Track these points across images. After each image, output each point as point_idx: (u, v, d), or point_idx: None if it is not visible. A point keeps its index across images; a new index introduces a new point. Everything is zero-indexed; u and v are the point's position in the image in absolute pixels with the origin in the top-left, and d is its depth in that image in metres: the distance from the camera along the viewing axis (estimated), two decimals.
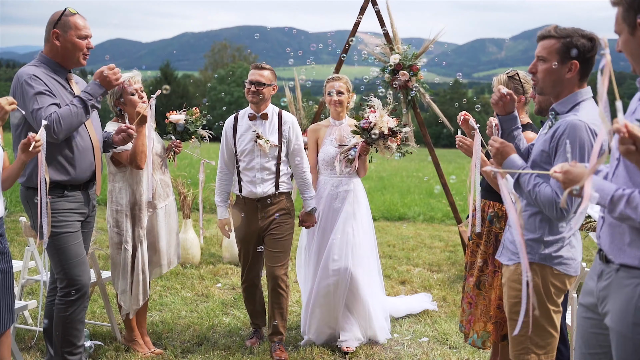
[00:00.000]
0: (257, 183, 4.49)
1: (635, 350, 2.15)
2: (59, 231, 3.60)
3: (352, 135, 4.74)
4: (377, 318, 4.88)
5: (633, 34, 2.13)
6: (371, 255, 4.93)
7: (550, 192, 2.69)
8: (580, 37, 2.69)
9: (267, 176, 4.50)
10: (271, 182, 4.51)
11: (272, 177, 4.51)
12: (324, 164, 4.81)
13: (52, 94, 3.56)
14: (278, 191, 4.54)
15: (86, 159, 3.74)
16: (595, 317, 2.35)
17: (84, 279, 3.70)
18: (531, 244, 2.82)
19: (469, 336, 3.98)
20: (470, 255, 4.05)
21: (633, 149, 1.83)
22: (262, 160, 4.49)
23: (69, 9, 3.67)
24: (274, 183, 4.52)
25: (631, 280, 2.17)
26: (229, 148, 4.58)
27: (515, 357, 2.94)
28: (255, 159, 4.49)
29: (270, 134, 4.52)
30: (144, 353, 4.42)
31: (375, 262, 5.01)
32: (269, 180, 4.50)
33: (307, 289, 4.90)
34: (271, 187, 4.51)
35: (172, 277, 6.55)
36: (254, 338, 4.77)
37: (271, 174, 4.50)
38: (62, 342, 3.71)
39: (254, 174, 4.49)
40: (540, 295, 2.82)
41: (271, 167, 4.50)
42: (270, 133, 4.52)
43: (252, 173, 4.50)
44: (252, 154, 4.49)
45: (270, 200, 4.52)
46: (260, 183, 4.49)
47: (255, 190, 4.49)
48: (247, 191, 4.52)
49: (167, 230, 4.49)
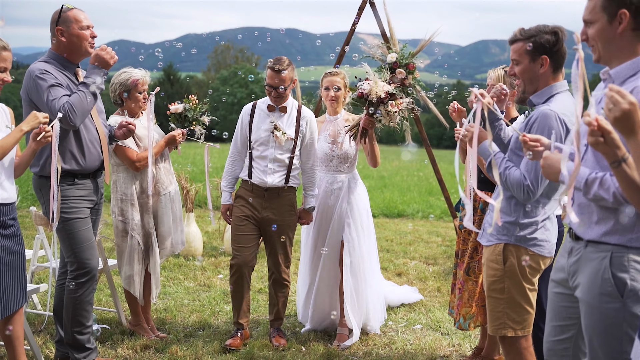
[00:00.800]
0: (268, 173, 4.54)
1: (601, 318, 2.34)
2: (69, 217, 3.81)
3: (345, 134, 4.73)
4: (375, 310, 5.00)
5: (611, 23, 2.32)
6: (370, 249, 4.96)
7: (519, 175, 2.90)
8: (544, 34, 2.89)
9: (278, 168, 4.55)
10: (282, 174, 4.56)
11: (283, 170, 4.56)
12: (318, 160, 4.81)
13: (63, 86, 3.76)
14: (287, 185, 4.60)
15: (94, 149, 3.94)
16: (565, 291, 2.55)
17: (92, 263, 3.90)
18: (507, 226, 3.02)
19: (456, 320, 4.19)
20: (462, 243, 4.26)
21: (601, 140, 2.03)
22: (276, 152, 4.54)
23: (66, 5, 3.85)
24: (284, 176, 4.57)
25: (598, 255, 2.36)
26: (243, 134, 4.62)
27: (493, 331, 3.13)
28: (269, 149, 4.55)
29: (287, 127, 4.57)
30: (148, 337, 4.63)
31: (374, 256, 5.06)
32: (279, 172, 4.56)
33: (305, 281, 5.01)
34: (281, 179, 4.56)
35: (175, 268, 6.75)
36: (235, 337, 4.58)
37: (283, 166, 4.56)
38: (72, 323, 3.90)
39: (266, 164, 4.54)
40: (515, 274, 3.01)
41: (284, 159, 4.56)
42: (287, 126, 4.57)
43: (264, 162, 4.55)
44: (267, 144, 4.54)
45: (278, 193, 4.58)
46: (272, 173, 4.54)
47: (266, 179, 4.53)
48: (257, 179, 4.56)
49: (171, 215, 4.69)
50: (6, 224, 3.39)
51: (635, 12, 2.29)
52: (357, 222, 4.82)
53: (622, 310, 2.29)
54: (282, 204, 4.60)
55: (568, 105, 2.88)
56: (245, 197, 4.60)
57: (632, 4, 2.28)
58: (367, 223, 4.92)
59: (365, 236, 4.88)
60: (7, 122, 3.50)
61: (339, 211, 4.79)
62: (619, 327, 2.30)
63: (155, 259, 4.60)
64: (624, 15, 2.29)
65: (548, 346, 2.66)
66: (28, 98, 3.75)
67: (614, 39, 2.35)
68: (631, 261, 2.29)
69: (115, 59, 3.90)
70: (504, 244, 3.03)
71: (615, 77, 2.37)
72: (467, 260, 4.16)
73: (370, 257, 4.93)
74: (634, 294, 2.27)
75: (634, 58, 2.33)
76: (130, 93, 4.48)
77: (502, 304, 3.06)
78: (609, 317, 2.32)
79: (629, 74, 2.33)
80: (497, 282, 3.04)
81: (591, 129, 2.02)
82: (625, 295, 2.28)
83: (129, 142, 4.45)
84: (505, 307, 3.05)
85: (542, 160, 2.44)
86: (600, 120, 2.01)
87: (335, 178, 4.83)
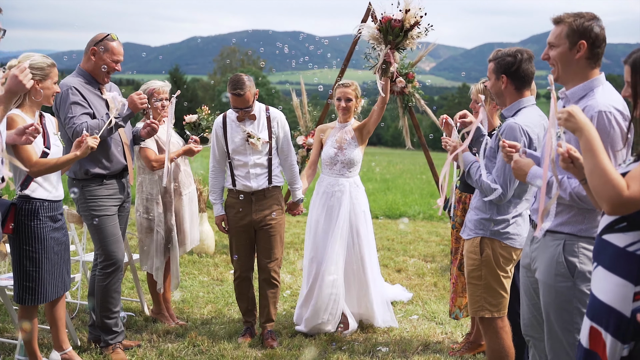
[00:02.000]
0: (251, 178, 4.75)
1: (556, 296, 2.83)
2: (98, 214, 4.30)
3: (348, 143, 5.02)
4: (379, 309, 5.23)
5: (571, 50, 2.80)
6: (370, 248, 5.18)
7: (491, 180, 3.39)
8: (505, 57, 3.36)
9: (260, 171, 4.77)
10: (264, 176, 4.79)
11: (265, 172, 4.79)
12: (324, 163, 5.13)
13: (87, 104, 4.25)
14: (272, 185, 4.83)
15: (118, 153, 4.44)
16: (532, 275, 3.03)
17: (118, 255, 4.39)
18: (483, 222, 3.49)
19: (452, 312, 4.69)
20: (455, 242, 4.74)
21: (572, 166, 2.51)
22: (254, 157, 4.75)
23: (112, 35, 4.36)
24: (267, 177, 4.80)
25: (554, 242, 2.85)
26: (220, 147, 4.82)
27: (473, 313, 3.60)
28: (248, 156, 4.75)
29: (260, 131, 4.78)
30: (169, 324, 5.13)
31: (374, 255, 5.27)
32: (262, 174, 4.78)
33: (307, 282, 5.12)
34: (265, 181, 4.79)
35: (189, 264, 7.26)
36: (246, 335, 4.90)
37: (264, 168, 4.79)
38: (101, 308, 4.40)
39: (247, 170, 4.75)
40: (491, 263, 3.48)
41: (264, 162, 4.78)
42: (260, 131, 4.78)
43: (245, 169, 4.76)
44: (245, 152, 4.76)
45: (264, 194, 4.80)
46: (254, 178, 4.76)
47: (250, 184, 4.75)
48: (242, 185, 4.77)
49: (190, 214, 5.20)
50: (56, 218, 3.90)
51: (592, 44, 2.79)
52: (358, 225, 5.08)
53: (573, 288, 2.77)
54: (270, 204, 4.82)
55: (532, 117, 3.35)
56: (234, 205, 4.83)
57: (590, 38, 2.78)
58: (366, 227, 5.15)
59: (365, 239, 5.12)
60: (53, 129, 4.01)
61: (342, 214, 5.01)
62: (570, 302, 2.78)
63: (175, 252, 5.11)
64: (583, 45, 2.78)
65: (524, 322, 3.16)
66: (56, 107, 4.25)
67: (572, 64, 2.84)
68: (581, 248, 2.78)
69: (145, 105, 4.38)
70: (481, 237, 3.50)
71: (570, 97, 2.86)
72: (460, 257, 4.62)
73: (370, 259, 5.16)
74: (582, 275, 2.75)
75: (585, 81, 2.83)
76: (150, 104, 4.97)
77: (480, 289, 3.53)
78: (562, 294, 2.80)
79: (581, 95, 2.83)
80: (476, 271, 3.52)
81: (563, 157, 2.50)
82: (575, 275, 2.77)
83: (150, 143, 4.94)
84: (482, 292, 3.52)
85: (512, 163, 2.94)
86: (571, 150, 2.50)
87: (337, 181, 5.08)
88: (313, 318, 5.00)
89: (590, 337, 2.38)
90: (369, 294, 5.17)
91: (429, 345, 4.91)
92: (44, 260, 3.83)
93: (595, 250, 2.45)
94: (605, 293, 2.33)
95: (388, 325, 5.28)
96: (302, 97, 7.91)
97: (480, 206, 3.51)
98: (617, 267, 2.32)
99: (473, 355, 4.67)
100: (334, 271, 4.97)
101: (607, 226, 2.38)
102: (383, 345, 4.83)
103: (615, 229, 2.34)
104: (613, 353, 2.30)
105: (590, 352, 2.38)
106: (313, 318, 5.00)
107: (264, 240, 4.85)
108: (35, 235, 3.81)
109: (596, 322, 2.36)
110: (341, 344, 4.87)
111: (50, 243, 3.85)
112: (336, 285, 4.98)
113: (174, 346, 4.62)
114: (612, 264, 2.33)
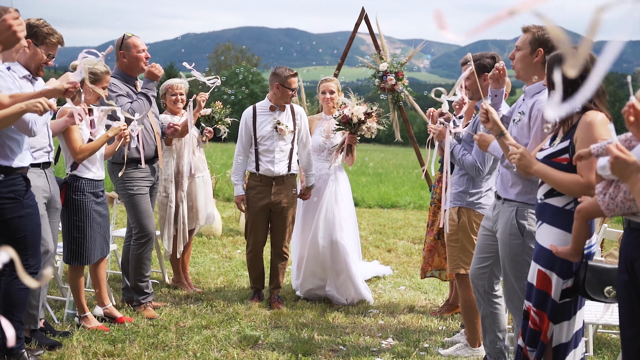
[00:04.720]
0: (275, 163, 5.41)
1: (510, 250, 3.57)
2: (134, 192, 5.04)
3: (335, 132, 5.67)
4: (358, 279, 5.73)
5: (531, 54, 3.54)
6: (351, 228, 5.80)
7: (472, 159, 4.14)
8: (486, 58, 4.12)
9: (283, 157, 5.42)
10: (285, 162, 5.45)
11: (286, 159, 5.46)
12: (313, 149, 5.73)
13: (127, 95, 5.00)
14: (290, 172, 5.49)
15: (151, 141, 5.17)
16: (489, 233, 3.78)
17: (150, 228, 5.13)
18: (461, 194, 4.26)
19: (426, 273, 5.43)
20: (432, 215, 5.48)
21: (485, 117, 3.29)
22: (280, 143, 5.41)
23: (126, 34, 5.10)
24: (287, 164, 5.46)
25: (510, 208, 3.59)
26: (248, 134, 5.45)
27: (451, 270, 4.36)
28: (275, 142, 5.41)
29: (286, 121, 5.47)
30: (188, 290, 5.87)
31: (354, 234, 5.89)
32: (284, 161, 5.44)
33: (296, 254, 5.87)
34: (285, 167, 5.45)
35: (200, 245, 8.01)
36: (254, 298, 5.58)
37: (286, 155, 5.44)
38: (135, 273, 5.14)
39: (273, 155, 5.41)
40: (466, 228, 4.23)
41: (287, 149, 5.45)
42: (286, 121, 5.47)
43: (271, 155, 5.40)
44: (272, 138, 5.40)
45: (283, 180, 5.45)
46: (278, 163, 5.41)
47: (273, 169, 5.40)
48: (265, 169, 5.41)
49: (204, 194, 5.96)
50: (98, 194, 4.64)
51: (547, 52, 3.48)
52: (341, 204, 5.69)
53: (522, 244, 3.52)
54: (287, 189, 5.49)
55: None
56: (255, 187, 5.46)
57: (547, 47, 3.51)
58: (348, 206, 5.77)
59: (348, 215, 5.74)
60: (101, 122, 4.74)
61: (328, 194, 5.66)
62: (521, 255, 3.53)
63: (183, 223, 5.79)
64: (540, 52, 3.53)
65: (472, 272, 3.92)
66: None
67: (530, 65, 3.59)
68: (529, 213, 3.53)
69: (162, 72, 5.14)
70: (459, 207, 4.27)
71: (528, 92, 3.61)
72: (437, 229, 5.37)
73: (350, 237, 5.69)
74: (530, 234, 3.50)
75: (540, 81, 3.58)
76: (165, 96, 5.75)
77: (456, 250, 4.28)
78: (514, 249, 3.55)
79: (536, 91, 3.58)
80: (454, 234, 4.28)
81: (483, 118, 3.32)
82: (524, 235, 3.52)
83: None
84: (459, 252, 4.27)
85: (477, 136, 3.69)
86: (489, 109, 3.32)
87: (324, 165, 5.76)
88: (304, 284, 5.71)
89: (539, 279, 3.10)
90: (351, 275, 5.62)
91: (414, 308, 5.67)
92: (88, 229, 4.56)
93: (538, 211, 3.20)
94: (550, 242, 3.05)
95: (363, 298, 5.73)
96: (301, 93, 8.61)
97: (458, 181, 4.27)
98: (558, 222, 3.06)
99: (451, 315, 5.43)
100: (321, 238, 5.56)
101: (547, 192, 3.13)
102: (374, 308, 5.60)
103: (554, 194, 3.09)
104: (557, 288, 3.04)
105: (539, 291, 3.11)
106: (304, 284, 5.71)
107: (278, 220, 5.53)
108: (81, 207, 4.53)
109: (542, 265, 3.09)
110: (338, 306, 5.63)
111: (93, 215, 4.58)
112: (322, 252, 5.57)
113: (195, 306, 5.37)
114: (554, 220, 3.07)
